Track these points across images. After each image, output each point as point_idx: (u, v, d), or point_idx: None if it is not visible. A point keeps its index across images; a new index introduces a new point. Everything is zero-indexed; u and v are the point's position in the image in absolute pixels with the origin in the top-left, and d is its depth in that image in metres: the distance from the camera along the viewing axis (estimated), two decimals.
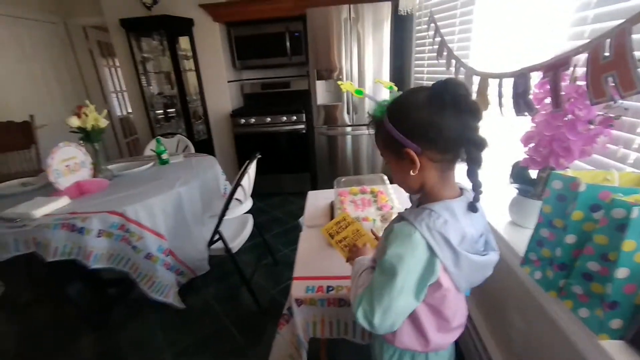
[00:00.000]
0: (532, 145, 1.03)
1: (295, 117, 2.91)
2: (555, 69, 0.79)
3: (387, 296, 0.56)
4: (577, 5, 1.02)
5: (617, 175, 0.78)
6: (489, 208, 1.19)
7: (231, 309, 1.71)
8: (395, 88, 0.84)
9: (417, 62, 2.26)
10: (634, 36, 0.61)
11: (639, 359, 0.62)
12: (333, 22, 2.55)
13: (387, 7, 2.47)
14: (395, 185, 1.45)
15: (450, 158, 0.60)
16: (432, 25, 1.85)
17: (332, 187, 1.38)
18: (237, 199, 1.54)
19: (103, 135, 1.73)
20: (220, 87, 3.10)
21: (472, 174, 0.58)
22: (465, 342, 1.33)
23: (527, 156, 1.05)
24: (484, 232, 0.66)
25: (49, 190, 1.51)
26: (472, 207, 0.61)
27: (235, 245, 1.60)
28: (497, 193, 1.24)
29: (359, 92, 0.85)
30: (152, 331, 1.60)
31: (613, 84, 0.63)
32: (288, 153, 3.06)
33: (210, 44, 3.00)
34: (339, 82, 0.91)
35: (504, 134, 1.39)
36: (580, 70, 0.82)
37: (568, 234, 0.73)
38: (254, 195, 1.76)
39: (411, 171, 0.59)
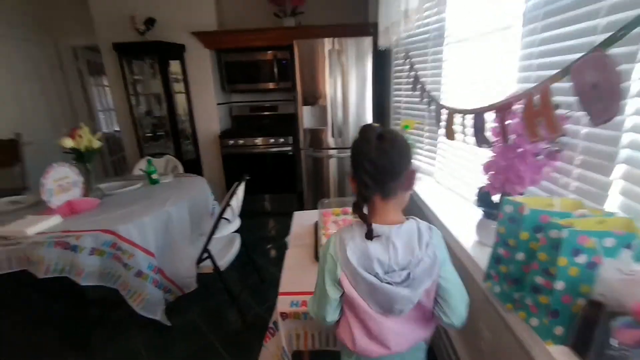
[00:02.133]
0: (491, 173, 1.18)
1: (282, 140, 3.03)
2: (501, 110, 0.94)
3: (317, 289, 0.75)
4: (522, 54, 1.21)
5: (559, 201, 0.92)
6: (458, 229, 1.32)
7: (217, 326, 1.74)
8: (411, 128, 0.97)
9: (395, 92, 2.45)
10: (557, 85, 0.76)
11: None
12: (318, 53, 2.74)
13: (368, 42, 2.69)
14: None
15: (370, 185, 0.67)
16: (408, 61, 2.04)
17: (317, 208, 1.49)
18: (225, 219, 1.61)
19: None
20: (209, 109, 3.21)
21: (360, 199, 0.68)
22: (439, 351, 1.41)
23: (488, 182, 1.19)
24: (409, 268, 0.69)
25: (39, 209, 1.55)
26: (367, 234, 0.66)
27: (223, 263, 1.65)
28: (466, 215, 1.37)
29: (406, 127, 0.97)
30: (136, 351, 1.60)
31: (544, 127, 0.77)
32: (275, 174, 3.16)
33: (201, 69, 3.13)
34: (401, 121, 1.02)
35: (471, 162, 1.55)
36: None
37: (518, 252, 0.85)
38: (241, 215, 1.84)
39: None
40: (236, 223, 1.76)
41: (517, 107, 0.91)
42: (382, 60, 2.84)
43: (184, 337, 1.68)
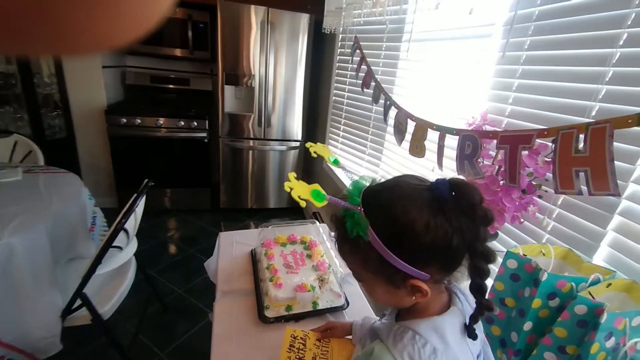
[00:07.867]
0: None
1: (195, 123, 2.46)
2: (513, 143, 0.77)
3: None
4: (498, 70, 1.08)
5: (552, 249, 0.82)
6: None
7: None
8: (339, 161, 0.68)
9: (337, 85, 2.19)
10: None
11: None
12: (246, 22, 2.25)
13: (304, 19, 2.33)
14: (327, 230, 1.30)
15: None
16: (358, 52, 1.79)
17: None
18: (116, 247, 1.11)
19: None
20: (90, 71, 2.36)
21: (478, 290, 0.45)
22: None
23: None
24: (481, 351, 0.54)
25: None
26: (471, 333, 0.48)
27: (109, 308, 1.16)
28: None
29: (336, 162, 0.66)
30: None
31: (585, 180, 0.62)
32: (184, 164, 2.58)
33: None
34: (308, 145, 0.69)
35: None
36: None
37: (526, 321, 0.71)
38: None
39: (413, 297, 0.47)
40: (132, 247, 1.27)
41: (541, 139, 0.75)
42: (323, 43, 2.52)
43: None
